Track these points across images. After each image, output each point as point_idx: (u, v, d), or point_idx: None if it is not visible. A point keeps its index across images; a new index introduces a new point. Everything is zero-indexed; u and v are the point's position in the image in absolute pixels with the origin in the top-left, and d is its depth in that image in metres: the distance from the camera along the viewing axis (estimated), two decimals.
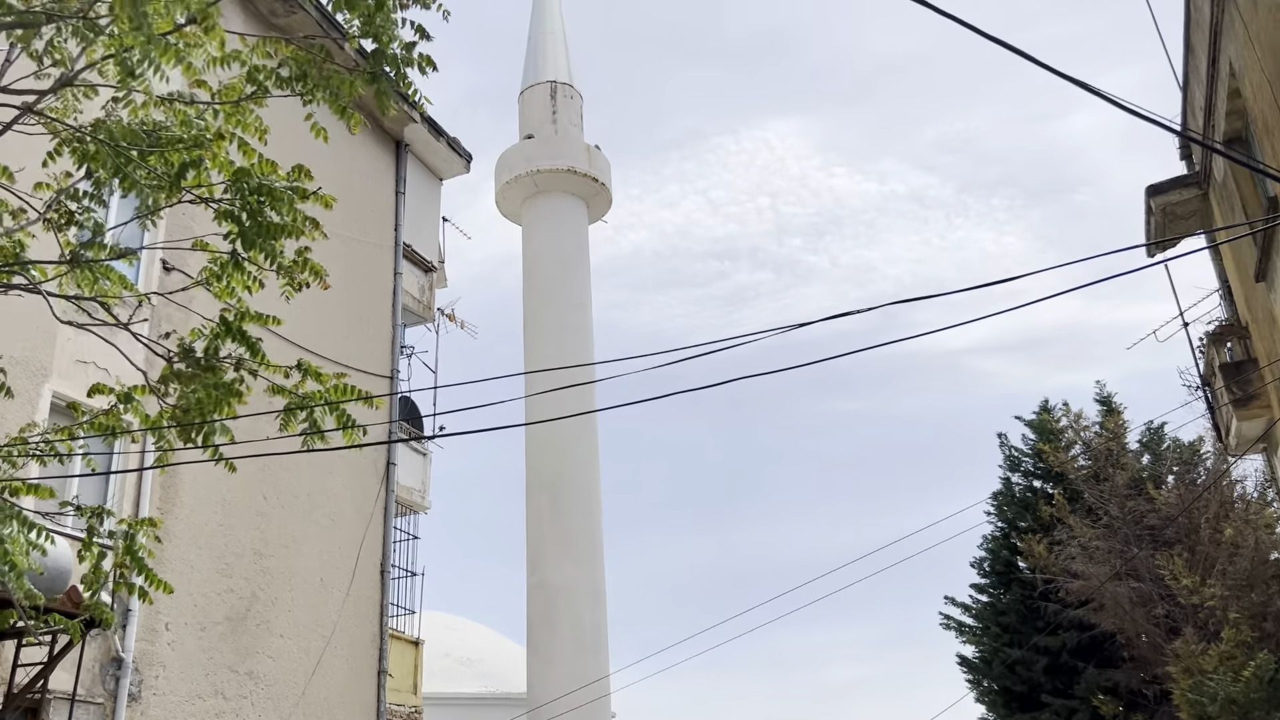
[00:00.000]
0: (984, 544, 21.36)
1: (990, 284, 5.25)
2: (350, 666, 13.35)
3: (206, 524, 11.57)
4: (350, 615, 13.53)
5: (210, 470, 11.63)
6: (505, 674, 24.56)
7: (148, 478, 10.91)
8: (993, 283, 5.33)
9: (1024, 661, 19.67)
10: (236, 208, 5.53)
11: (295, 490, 13.03)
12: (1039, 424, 21.09)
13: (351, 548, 13.84)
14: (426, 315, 17.28)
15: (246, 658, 11.70)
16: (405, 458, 15.72)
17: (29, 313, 9.40)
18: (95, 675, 9.91)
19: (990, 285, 5.24)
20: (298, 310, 12.29)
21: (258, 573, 12.14)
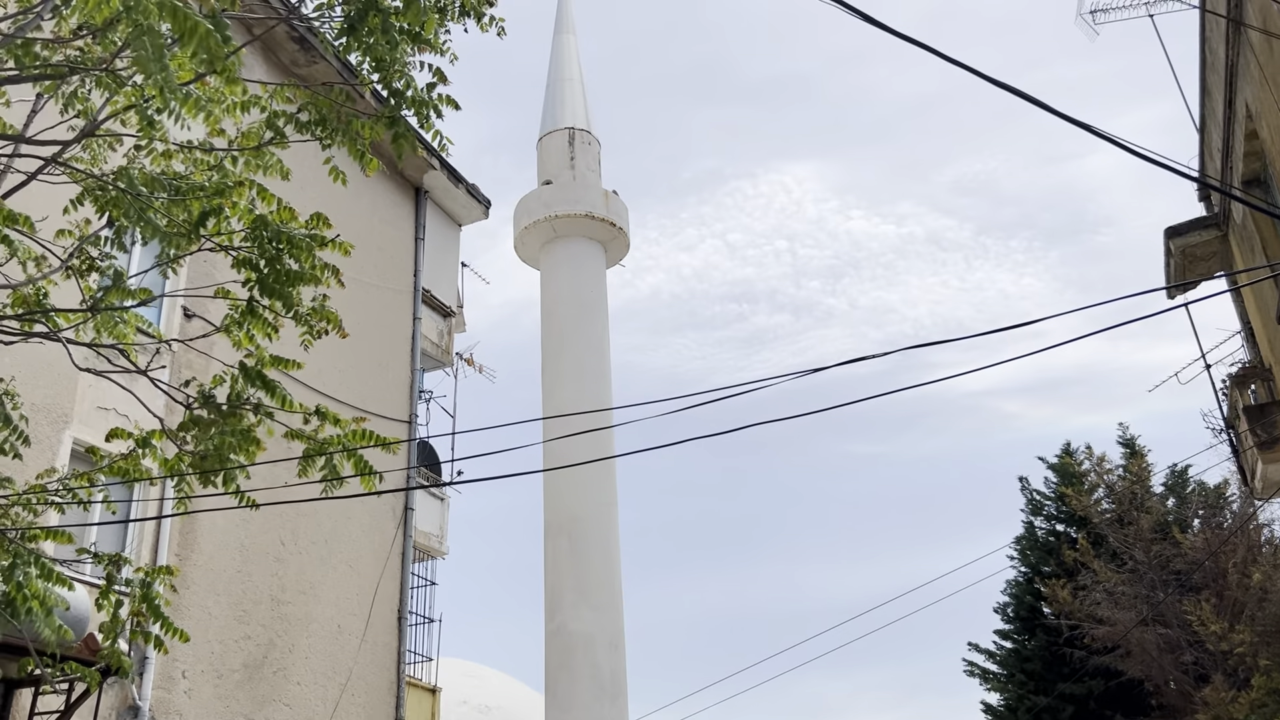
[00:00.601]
0: (1007, 589, 21.09)
1: (1010, 327, 5.22)
2: (367, 714, 13.24)
3: (225, 570, 11.55)
4: (367, 662, 13.44)
5: (229, 516, 11.64)
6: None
7: (166, 524, 10.92)
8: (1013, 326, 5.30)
9: (1050, 710, 19.33)
10: (255, 255, 5.57)
11: (313, 536, 13.01)
12: (1061, 467, 20.89)
13: (368, 593, 13.78)
14: (445, 360, 17.33)
15: (263, 706, 11.62)
16: (423, 503, 15.69)
17: (50, 360, 9.48)
18: None
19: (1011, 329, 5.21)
20: (317, 355, 12.35)
21: (275, 619, 12.09)
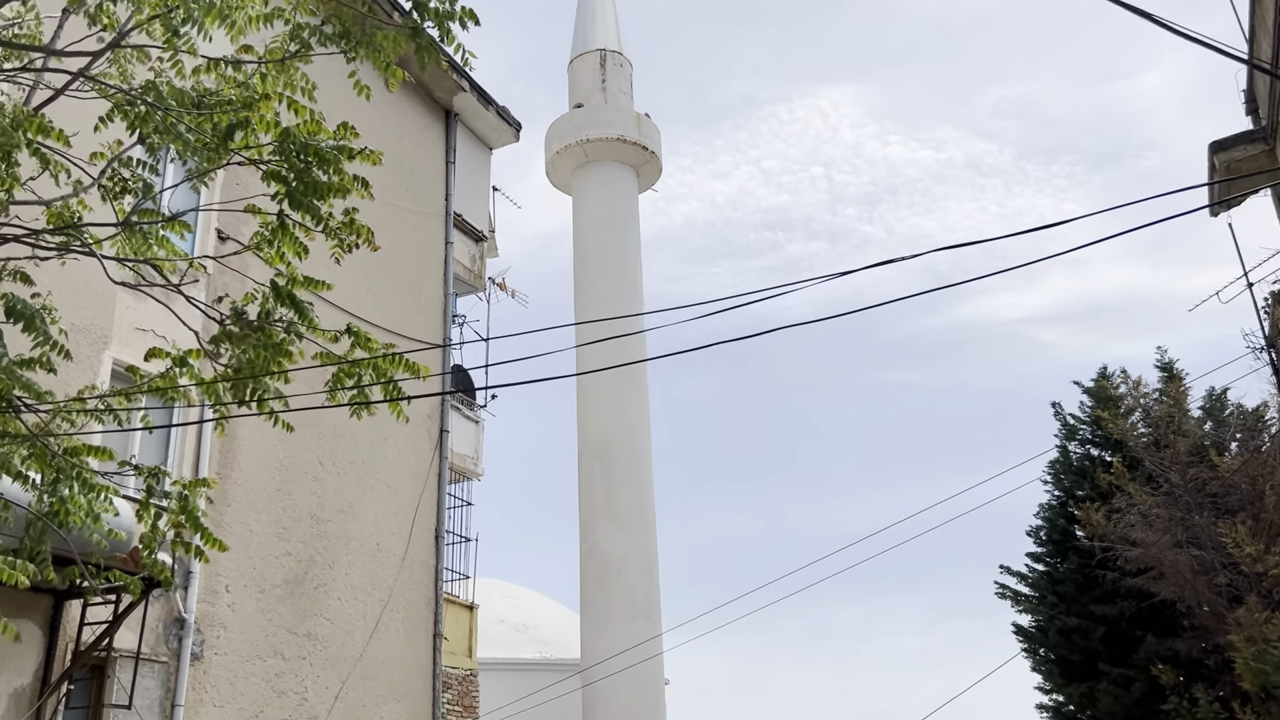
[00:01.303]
0: (1040, 513, 21.05)
1: (1037, 230, 5.14)
2: (406, 629, 13.56)
3: (264, 489, 11.78)
4: (406, 579, 13.73)
5: (267, 436, 11.84)
6: (559, 640, 24.80)
7: (206, 444, 11.13)
8: (1037, 229, 5.22)
9: (1081, 630, 19.40)
10: (284, 169, 5.57)
11: (350, 457, 13.21)
12: (1097, 391, 20.70)
13: (406, 513, 14.02)
14: (477, 284, 17.38)
15: (305, 620, 11.93)
16: (458, 425, 15.86)
17: (88, 281, 9.60)
18: (159, 635, 10.16)
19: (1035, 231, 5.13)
20: (350, 278, 12.44)
21: (315, 537, 12.34)
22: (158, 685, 10.06)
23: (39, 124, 5.11)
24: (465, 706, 14.66)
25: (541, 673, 22.10)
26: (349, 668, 12.40)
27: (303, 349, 6.16)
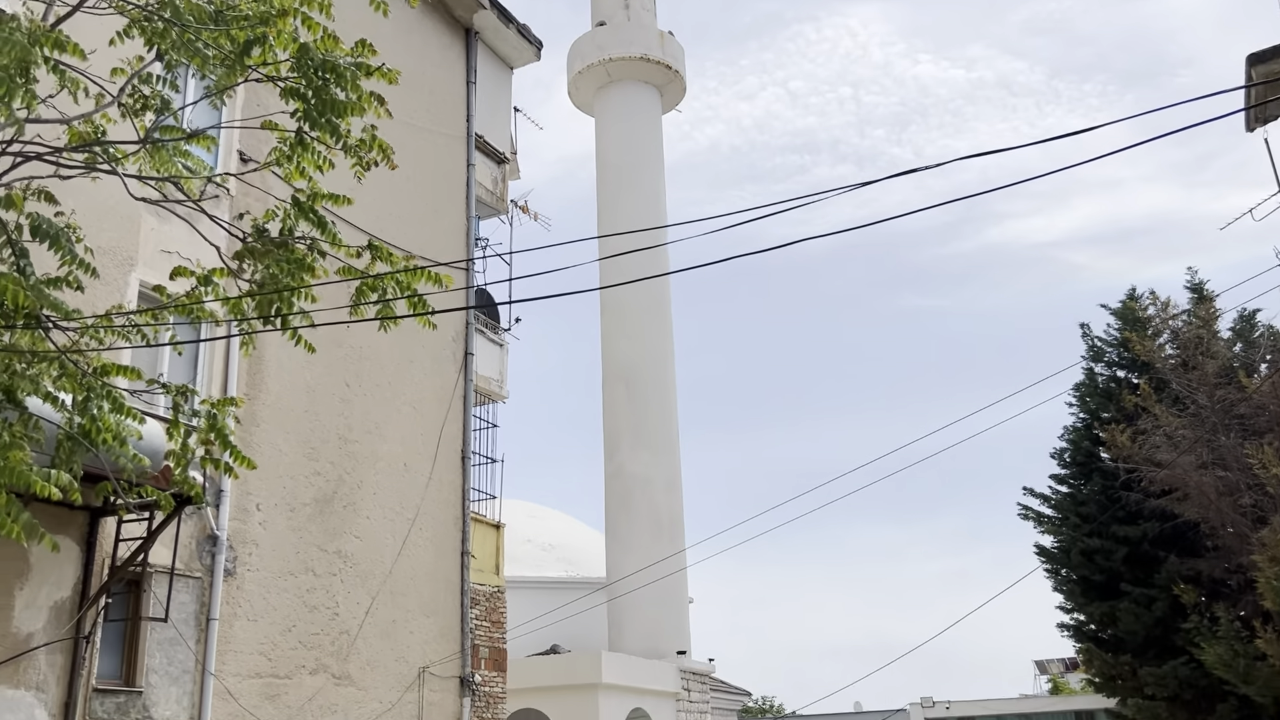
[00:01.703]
0: (1065, 434, 21.03)
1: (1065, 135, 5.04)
2: (435, 547, 13.79)
3: (292, 410, 11.92)
4: (433, 499, 13.93)
5: (294, 358, 11.94)
6: (584, 559, 25.18)
7: (234, 367, 11.24)
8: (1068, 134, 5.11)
9: (1103, 551, 19.49)
10: (302, 85, 5.53)
11: (377, 378, 13.32)
12: (1124, 312, 20.50)
13: (433, 434, 14.17)
14: (500, 207, 17.30)
15: (335, 537, 12.15)
16: (482, 348, 15.93)
17: (113, 203, 9.63)
18: (192, 551, 10.39)
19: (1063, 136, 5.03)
20: (373, 200, 12.42)
21: (343, 457, 12.51)
22: (192, 599, 10.32)
23: (55, 39, 5.08)
24: (493, 622, 14.96)
25: (568, 590, 22.49)
26: (379, 584, 12.66)
27: (325, 266, 6.18)
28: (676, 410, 23.50)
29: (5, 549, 8.70)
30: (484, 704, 14.27)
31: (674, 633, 21.55)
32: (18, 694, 8.68)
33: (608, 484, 23.00)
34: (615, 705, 18.17)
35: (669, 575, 20.91)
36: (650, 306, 23.62)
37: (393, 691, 12.58)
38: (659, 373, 23.38)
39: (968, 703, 26.85)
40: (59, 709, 8.94)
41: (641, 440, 22.78)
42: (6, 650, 8.63)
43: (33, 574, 8.94)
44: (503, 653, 15.05)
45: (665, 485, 22.65)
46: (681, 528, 22.64)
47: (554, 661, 19.07)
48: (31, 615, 8.88)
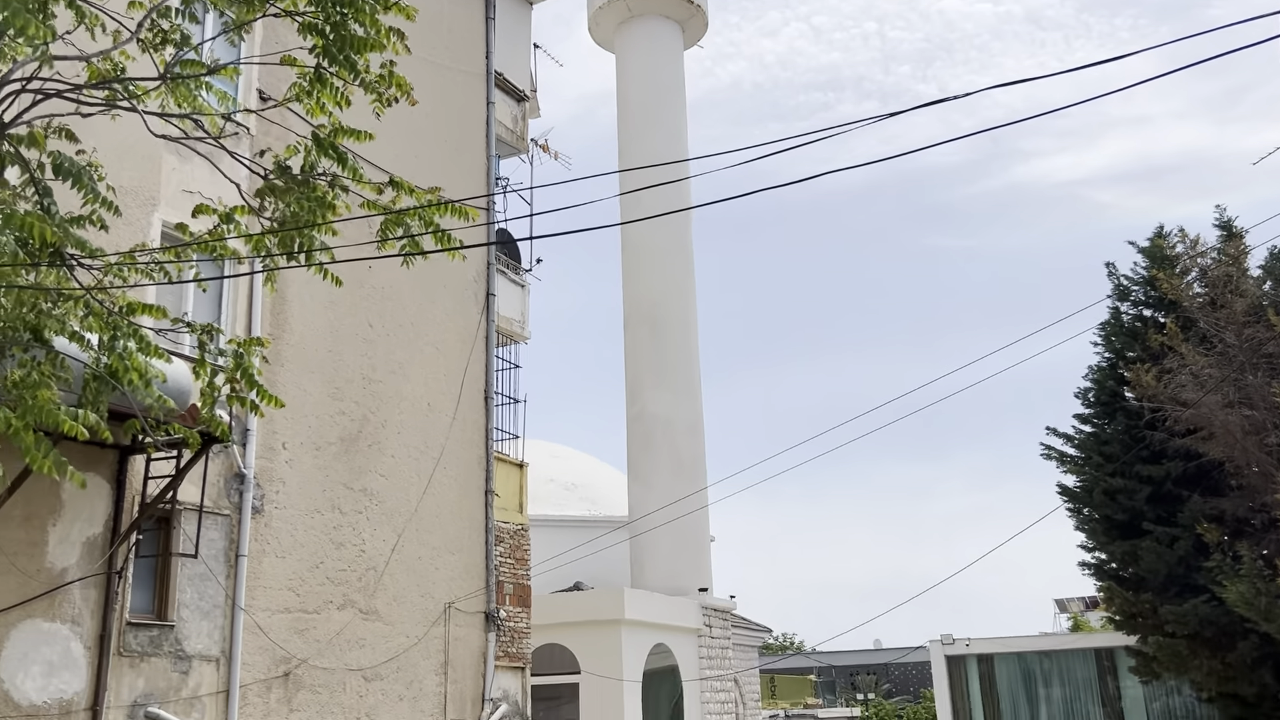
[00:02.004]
0: (1089, 374, 20.91)
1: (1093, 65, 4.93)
2: (459, 486, 13.92)
3: (316, 350, 11.98)
4: (457, 438, 14.03)
5: (317, 299, 11.98)
6: (607, 498, 25.38)
7: (257, 307, 11.29)
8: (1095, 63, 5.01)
9: (1126, 490, 19.47)
10: (319, 20, 5.47)
11: (399, 319, 13.36)
12: (1152, 250, 20.24)
13: (456, 374, 14.23)
14: (520, 146, 17.19)
15: (360, 476, 12.28)
16: (504, 289, 15.93)
17: (134, 143, 9.62)
18: (220, 489, 10.53)
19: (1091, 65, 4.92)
20: (392, 140, 12.35)
21: (367, 397, 12.60)
22: (221, 536, 10.48)
23: None
24: (517, 559, 15.14)
25: (590, 529, 22.72)
26: (404, 522, 12.81)
27: (348, 202, 6.17)
28: (698, 350, 23.49)
29: (37, 487, 8.84)
30: (509, 639, 14.49)
31: (695, 571, 21.76)
32: (53, 626, 8.88)
33: (630, 425, 23.10)
34: (638, 641, 18.42)
35: (690, 514, 21.06)
36: (672, 246, 23.52)
37: (419, 626, 12.79)
38: (681, 313, 23.34)
39: (988, 639, 27.01)
40: (94, 641, 9.14)
41: (664, 381, 22.82)
42: (42, 584, 8.81)
43: (65, 511, 9.10)
44: (527, 589, 15.25)
45: (687, 427, 22.72)
46: (703, 468, 22.76)
47: (577, 598, 19.31)
48: (65, 551, 9.05)
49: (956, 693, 26.97)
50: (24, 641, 8.65)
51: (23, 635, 8.65)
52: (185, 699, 9.82)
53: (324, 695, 11.28)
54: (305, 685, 11.08)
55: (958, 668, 27.20)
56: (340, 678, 11.51)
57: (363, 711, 11.75)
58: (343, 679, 11.54)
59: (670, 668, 19.62)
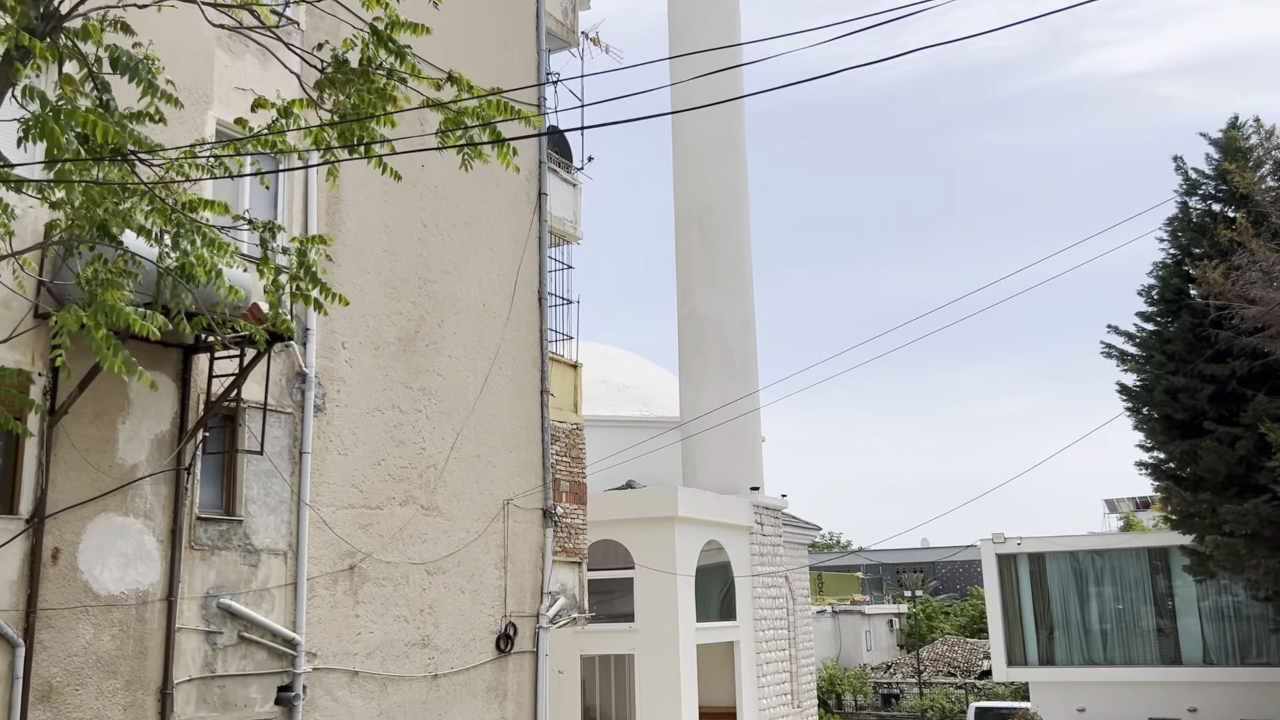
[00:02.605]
0: (1154, 271, 20.42)
1: None
2: (515, 385, 14.00)
3: (372, 250, 11.97)
4: (512, 338, 14.06)
5: (372, 199, 11.92)
6: (658, 399, 25.47)
7: (313, 207, 11.26)
8: None
9: (1187, 389, 19.16)
10: None
11: (453, 219, 13.29)
12: (1225, 142, 19.53)
13: (509, 275, 14.19)
14: (570, 39, 16.82)
15: (418, 375, 12.37)
16: (556, 188, 15.77)
17: (186, 40, 9.52)
18: (283, 388, 10.66)
19: None
20: (442, 36, 12.10)
21: (423, 297, 12.62)
22: (285, 434, 10.64)
23: None
24: (572, 457, 15.28)
25: (641, 429, 22.85)
26: (462, 420, 12.93)
27: (407, 95, 6.05)
28: (750, 250, 23.24)
29: (105, 386, 8.99)
30: (565, 534, 14.71)
31: (747, 470, 21.87)
32: (127, 521, 9.12)
33: (681, 326, 23.03)
34: (691, 537, 18.65)
35: (742, 415, 21.08)
36: (723, 143, 23.10)
37: (479, 522, 13.00)
38: (732, 212, 23.03)
39: (1039, 539, 27.03)
40: (165, 535, 9.39)
41: (715, 281, 22.65)
42: (114, 480, 9.03)
43: (133, 409, 9.26)
44: (582, 486, 15.42)
45: (738, 326, 22.61)
46: (755, 368, 22.70)
47: (632, 495, 19.53)
48: (134, 448, 9.24)
49: (1007, 590, 27.13)
50: (100, 535, 8.90)
51: (98, 529, 8.90)
52: (255, 591, 10.10)
53: (388, 588, 11.56)
54: (370, 578, 11.35)
55: (1008, 566, 27.30)
56: (404, 571, 11.77)
57: (426, 604, 12.04)
58: (406, 572, 11.80)
59: (723, 564, 19.89)
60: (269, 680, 10.14)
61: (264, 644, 10.08)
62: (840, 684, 47.01)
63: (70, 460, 8.74)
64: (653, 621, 17.83)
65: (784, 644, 21.99)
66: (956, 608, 63.76)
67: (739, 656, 19.79)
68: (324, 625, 10.74)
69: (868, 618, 58.58)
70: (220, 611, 9.76)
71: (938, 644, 55.40)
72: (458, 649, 12.43)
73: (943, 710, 44.36)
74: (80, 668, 8.62)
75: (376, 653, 11.31)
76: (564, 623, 14.45)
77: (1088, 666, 26.27)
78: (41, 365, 8.61)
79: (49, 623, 8.45)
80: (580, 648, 17.88)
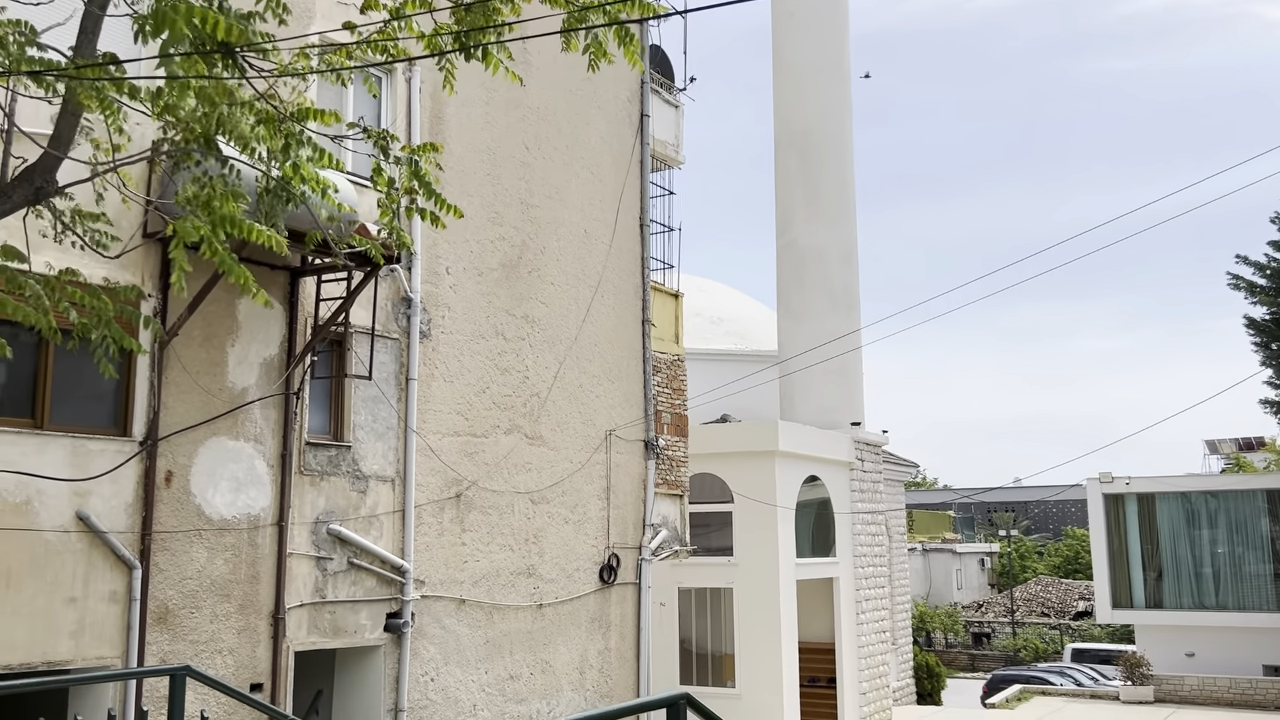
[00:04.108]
0: None
1: None
2: (616, 315, 13.65)
3: (474, 173, 11.64)
4: (614, 267, 13.68)
5: (475, 119, 11.57)
6: (753, 333, 24.96)
7: (416, 127, 10.93)
8: None
9: None
10: None
11: (555, 142, 12.88)
12: None
13: (611, 201, 13.78)
14: None
15: (522, 303, 12.09)
16: (658, 110, 15.24)
17: None
18: (388, 313, 10.45)
19: None
20: None
21: (525, 222, 12.28)
22: (392, 360, 10.46)
23: None
24: (674, 389, 14.94)
25: (736, 363, 22.40)
26: (565, 349, 12.65)
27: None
28: (853, 178, 22.41)
29: (214, 308, 8.85)
30: (667, 466, 14.43)
31: (847, 405, 21.31)
32: (238, 445, 9.03)
33: (780, 256, 22.40)
34: (791, 472, 18.25)
35: (844, 352, 20.48)
36: (826, 65, 22.20)
37: (581, 452, 12.76)
38: (835, 138, 22.19)
39: (1149, 478, 26.07)
40: (275, 460, 9.29)
41: (816, 211, 21.92)
42: (224, 403, 8.93)
43: (241, 332, 9.12)
44: (684, 418, 15.09)
45: (840, 257, 21.90)
46: (857, 299, 22.02)
47: (732, 429, 19.16)
48: (244, 371, 9.12)
49: (1113, 531, 26.29)
50: (211, 458, 8.83)
51: (209, 452, 8.82)
52: (364, 517, 10.00)
53: (494, 516, 11.40)
54: (476, 506, 11.20)
55: (1115, 506, 26.43)
56: (509, 500, 11.60)
57: (530, 533, 11.87)
58: (511, 501, 11.63)
59: (823, 500, 19.47)
60: (378, 607, 10.07)
61: (373, 570, 10.00)
62: (930, 622, 46.56)
63: (181, 383, 8.64)
64: (752, 556, 17.53)
65: (883, 581, 21.58)
66: (1050, 548, 62.58)
67: (838, 593, 19.44)
68: (431, 553, 10.63)
69: (959, 556, 57.85)
70: (330, 537, 9.68)
71: (1030, 584, 54.52)
72: (562, 579, 12.28)
73: (1036, 650, 43.70)
74: (195, 591, 8.61)
75: (483, 581, 11.20)
76: (666, 555, 14.22)
77: (1197, 610, 25.40)
78: (151, 285, 8.49)
79: (164, 545, 8.42)
80: (678, 580, 17.70)
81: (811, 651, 19.04)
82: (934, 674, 26.42)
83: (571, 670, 12.32)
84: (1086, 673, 29.35)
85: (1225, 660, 24.76)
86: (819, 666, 19.35)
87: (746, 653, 17.37)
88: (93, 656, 7.97)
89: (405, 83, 10.87)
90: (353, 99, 10.25)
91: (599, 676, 12.76)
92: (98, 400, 8.29)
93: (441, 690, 10.61)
